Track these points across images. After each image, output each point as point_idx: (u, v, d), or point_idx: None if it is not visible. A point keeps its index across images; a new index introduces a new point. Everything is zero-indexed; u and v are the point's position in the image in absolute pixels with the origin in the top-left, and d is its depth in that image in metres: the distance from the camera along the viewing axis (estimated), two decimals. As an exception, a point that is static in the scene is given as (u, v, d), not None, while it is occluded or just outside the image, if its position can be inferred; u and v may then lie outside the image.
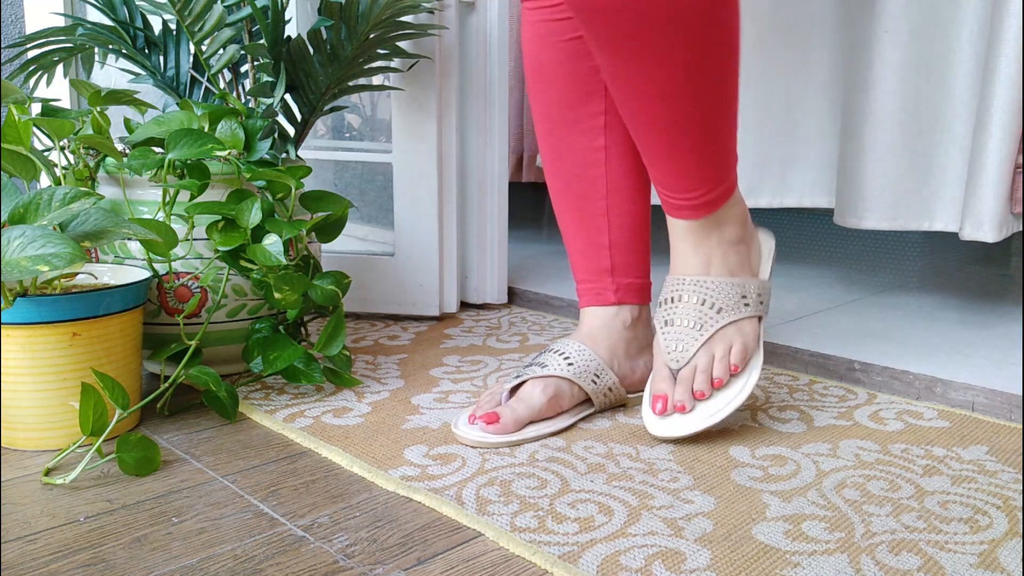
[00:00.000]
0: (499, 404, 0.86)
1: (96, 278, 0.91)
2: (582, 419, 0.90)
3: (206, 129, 0.93)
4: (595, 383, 0.89)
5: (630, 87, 0.78)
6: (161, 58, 1.08)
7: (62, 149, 0.92)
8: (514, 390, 0.88)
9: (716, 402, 0.82)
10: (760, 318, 0.87)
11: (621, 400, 0.93)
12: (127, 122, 1.00)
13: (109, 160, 0.96)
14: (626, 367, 0.93)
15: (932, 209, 1.17)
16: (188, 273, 0.95)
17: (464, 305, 1.41)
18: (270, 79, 1.01)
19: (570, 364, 0.89)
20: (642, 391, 0.95)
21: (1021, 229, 1.10)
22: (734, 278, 0.86)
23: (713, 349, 0.83)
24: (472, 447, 0.82)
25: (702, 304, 0.84)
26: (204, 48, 1.03)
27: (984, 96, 1.04)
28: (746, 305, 0.85)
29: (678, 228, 0.87)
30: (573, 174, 0.94)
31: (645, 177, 0.95)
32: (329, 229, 0.99)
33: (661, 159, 0.83)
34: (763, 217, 2.37)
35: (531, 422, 0.85)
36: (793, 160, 1.35)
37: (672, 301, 0.86)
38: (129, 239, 0.90)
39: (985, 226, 1.05)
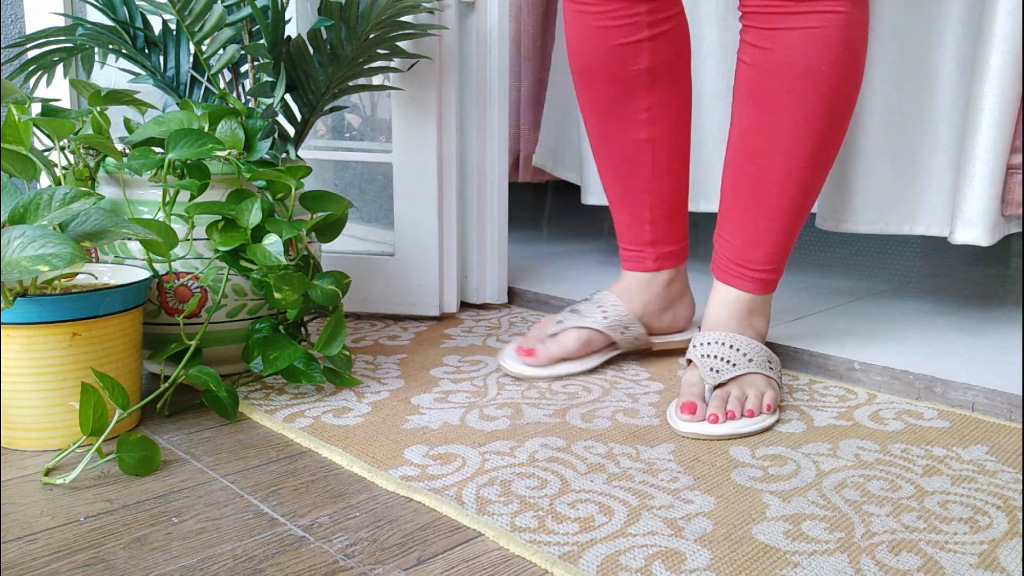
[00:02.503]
0: (540, 343, 1.03)
1: (96, 278, 0.91)
2: (603, 363, 1.06)
3: (206, 129, 0.93)
4: (623, 333, 1.05)
5: (775, 137, 0.90)
6: (161, 58, 1.08)
7: (62, 149, 0.92)
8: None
9: (743, 422, 0.87)
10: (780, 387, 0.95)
11: (646, 345, 1.09)
12: (127, 122, 1.00)
13: (109, 160, 0.96)
14: (655, 318, 1.09)
15: (915, 213, 1.14)
16: (188, 273, 0.95)
17: (464, 305, 1.41)
18: (270, 79, 1.01)
19: (605, 317, 1.04)
20: (667, 334, 1.10)
21: (1019, 231, 1.09)
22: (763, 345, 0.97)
23: (744, 386, 0.91)
24: (515, 377, 1.00)
25: (737, 351, 0.93)
26: (204, 48, 1.03)
27: (974, 94, 1.02)
28: (771, 368, 0.94)
29: (729, 297, 0.97)
30: (621, 158, 1.04)
31: (686, 161, 1.06)
32: (329, 229, 0.99)
33: (757, 225, 0.94)
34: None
35: (563, 360, 1.01)
36: None
37: (709, 344, 0.94)
38: (129, 239, 0.90)
39: (977, 229, 1.03)
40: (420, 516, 0.69)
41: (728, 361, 0.92)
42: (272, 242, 0.89)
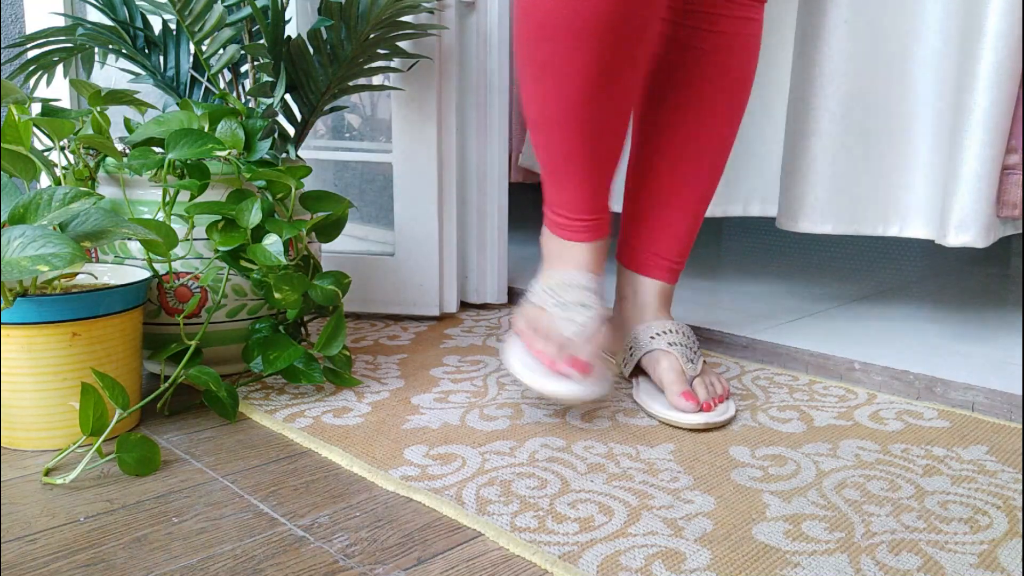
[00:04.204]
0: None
1: (96, 278, 0.91)
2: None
3: (206, 129, 0.93)
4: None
5: (711, 137, 0.98)
6: (161, 58, 1.08)
7: (62, 149, 0.92)
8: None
9: (724, 406, 0.92)
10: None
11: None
12: (127, 122, 1.00)
13: (109, 160, 0.96)
14: None
15: (887, 213, 1.11)
16: (188, 273, 0.95)
17: (464, 305, 1.41)
18: (270, 79, 1.01)
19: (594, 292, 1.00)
20: None
21: (1017, 232, 1.08)
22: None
23: (703, 374, 0.94)
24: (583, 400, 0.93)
25: (688, 337, 0.97)
26: (204, 48, 1.03)
27: (963, 90, 0.99)
28: (699, 352, 0.98)
29: (655, 288, 1.02)
30: (616, 115, 0.90)
31: None
32: (329, 229, 0.99)
33: (683, 220, 1.00)
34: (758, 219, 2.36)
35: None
36: (745, 168, 1.31)
37: (669, 332, 0.97)
38: (129, 239, 0.90)
39: (972, 231, 1.00)
40: (420, 516, 0.69)
41: (692, 350, 0.96)
42: (272, 242, 0.89)
